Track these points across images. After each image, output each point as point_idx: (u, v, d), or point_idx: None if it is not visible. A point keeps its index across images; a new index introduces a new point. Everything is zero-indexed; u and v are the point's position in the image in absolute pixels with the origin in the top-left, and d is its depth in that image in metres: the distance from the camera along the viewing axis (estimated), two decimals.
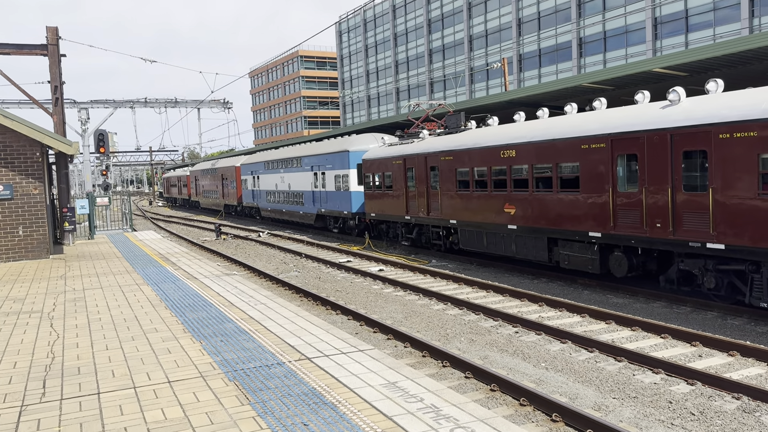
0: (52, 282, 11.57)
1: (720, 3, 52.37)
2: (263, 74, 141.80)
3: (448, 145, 19.39)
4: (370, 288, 16.32)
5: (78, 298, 9.76)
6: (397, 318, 12.81)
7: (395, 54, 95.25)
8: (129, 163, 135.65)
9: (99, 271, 12.83)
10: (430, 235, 21.22)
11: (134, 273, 12.26)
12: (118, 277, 11.87)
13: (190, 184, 67.24)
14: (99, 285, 10.94)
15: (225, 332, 7.18)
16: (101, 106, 48.95)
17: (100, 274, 12.26)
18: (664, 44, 57.11)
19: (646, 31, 58.20)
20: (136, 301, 9.31)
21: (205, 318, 8.03)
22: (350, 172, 26.76)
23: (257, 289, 9.82)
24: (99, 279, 11.64)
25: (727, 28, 51.70)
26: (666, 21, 56.85)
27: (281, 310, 8.41)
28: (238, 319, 7.79)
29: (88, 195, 21.60)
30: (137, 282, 11.15)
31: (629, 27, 60.42)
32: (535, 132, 15.70)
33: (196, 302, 9.14)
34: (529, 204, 15.92)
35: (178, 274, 12.06)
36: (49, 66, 17.99)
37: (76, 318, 8.24)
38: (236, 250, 26.34)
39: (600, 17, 61.87)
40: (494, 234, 17.49)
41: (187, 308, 8.72)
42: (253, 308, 8.51)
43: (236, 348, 6.53)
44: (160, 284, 10.84)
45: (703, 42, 52.27)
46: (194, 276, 11.70)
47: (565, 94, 19.85)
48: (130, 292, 10.05)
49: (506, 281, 16.38)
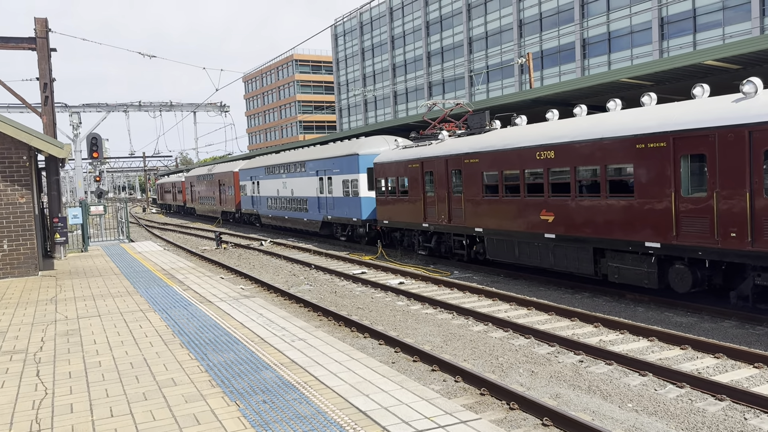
0: (41, 307, 9.92)
1: (729, 2, 51.22)
2: (257, 78, 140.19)
3: (473, 147, 17.86)
4: (395, 305, 14.74)
5: (71, 331, 8.12)
6: (436, 342, 11.23)
7: (392, 57, 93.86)
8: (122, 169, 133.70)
9: (95, 292, 11.19)
10: (452, 244, 19.66)
11: (136, 295, 10.63)
12: (119, 300, 10.23)
13: (185, 191, 65.48)
14: (96, 311, 9.30)
15: (266, 386, 5.51)
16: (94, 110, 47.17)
17: (97, 297, 10.62)
18: (671, 44, 55.94)
19: (653, 32, 57.01)
20: (143, 335, 7.69)
21: (233, 362, 6.38)
22: (360, 177, 25.20)
23: (288, 318, 8.19)
24: (96, 303, 10.00)
25: (736, 28, 50.54)
26: (673, 21, 55.68)
27: (327, 349, 6.76)
28: (277, 364, 6.15)
29: (81, 203, 19.97)
30: (141, 307, 9.51)
31: (635, 27, 59.23)
32: (577, 131, 14.18)
33: (218, 337, 7.50)
34: (572, 211, 14.40)
35: (187, 295, 10.44)
36: (37, 61, 16.38)
37: (70, 362, 6.60)
38: (239, 261, 24.70)
39: (604, 18, 60.68)
40: (528, 243, 15.95)
41: (209, 346, 7.08)
42: (290, 346, 6.88)
43: (289, 416, 4.82)
44: (170, 310, 9.20)
45: (712, 42, 51.11)
46: (207, 299, 10.07)
47: (599, 90, 18.38)
48: (135, 322, 8.42)
49: (544, 296, 14.84)
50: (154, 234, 40.72)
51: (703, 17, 53.30)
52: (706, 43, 52.44)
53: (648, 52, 57.34)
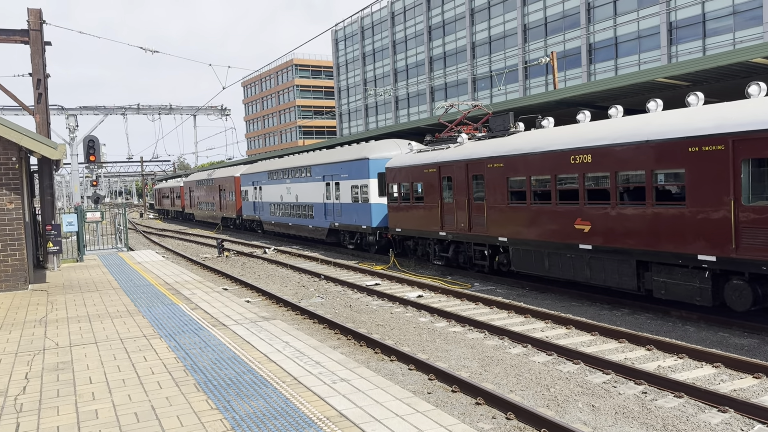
0: (28, 330, 8.67)
1: (740, 6, 50.32)
2: (256, 83, 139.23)
3: (497, 150, 16.70)
4: (417, 321, 13.53)
5: (63, 365, 6.87)
6: (473, 368, 10.02)
7: (394, 62, 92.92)
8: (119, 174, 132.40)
9: (91, 311, 9.95)
10: (472, 254, 18.46)
11: (138, 315, 9.39)
12: (118, 322, 8.97)
13: (183, 196, 64.24)
14: (92, 337, 8.05)
15: None
16: (91, 113, 45.88)
17: (93, 317, 9.37)
18: (680, 50, 55.06)
19: (661, 36, 56.10)
20: (148, 370, 6.43)
21: (266, 414, 5.04)
22: (370, 182, 24.02)
23: (319, 347, 6.91)
24: (92, 326, 8.75)
25: (747, 33, 49.61)
26: (682, 26, 54.77)
27: (378, 394, 5.48)
28: (321, 419, 4.87)
29: (77, 209, 18.74)
30: (145, 332, 8.26)
31: (642, 32, 58.32)
32: (618, 132, 13.03)
33: (241, 375, 6.20)
34: (611, 219, 13.22)
35: (196, 316, 9.19)
36: (30, 56, 15.17)
37: (59, 411, 5.32)
38: (244, 270, 23.45)
39: (611, 22, 59.77)
40: (559, 255, 14.76)
41: (231, 388, 5.79)
42: (332, 390, 5.58)
43: None
44: (178, 336, 7.94)
45: (722, 48, 50.16)
46: (220, 320, 8.81)
47: (630, 91, 17.26)
48: (138, 352, 7.16)
49: (579, 312, 13.65)
50: (152, 241, 39.45)
51: (713, 22, 52.40)
52: (715, 48, 51.53)
53: (656, 57, 56.42)
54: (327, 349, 6.80)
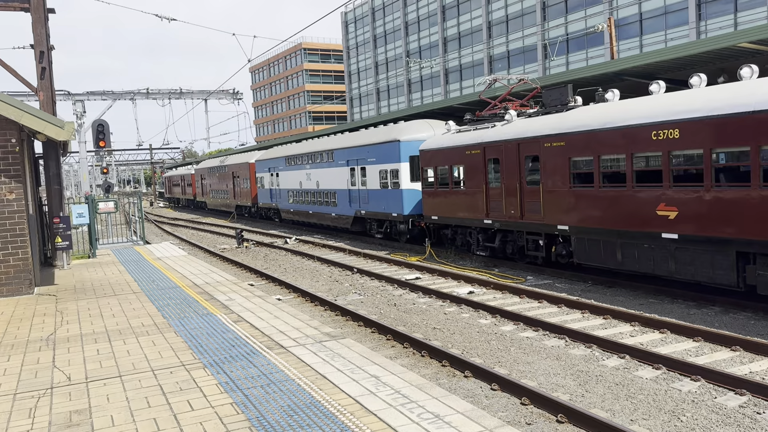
0: (32, 356, 6.94)
1: None
2: (264, 68, 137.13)
3: (556, 127, 14.85)
4: (478, 324, 11.79)
5: (78, 415, 4.98)
6: (569, 387, 8.29)
7: (406, 44, 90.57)
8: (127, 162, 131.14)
9: (110, 324, 8.22)
10: (524, 244, 16.68)
11: (169, 330, 7.64)
12: (145, 341, 7.20)
13: (195, 184, 62.67)
14: (115, 366, 6.22)
15: None
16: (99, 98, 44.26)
17: (113, 334, 7.62)
18: (709, 26, 52.63)
19: (689, 12, 53.66)
20: (198, 427, 4.62)
21: None
22: (401, 166, 22.21)
23: (424, 387, 5.04)
24: (112, 347, 6.99)
25: None
26: (711, 0, 52.29)
27: (470, 428, 3.80)
28: None
29: (88, 198, 17.11)
30: (182, 357, 6.43)
31: (669, 8, 55.90)
32: (715, 102, 11.15)
33: None
34: (705, 204, 11.39)
35: (243, 332, 7.39)
36: (32, 25, 13.42)
37: None
38: (267, 263, 21.79)
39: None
40: (636, 245, 12.95)
41: None
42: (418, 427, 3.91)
43: None
44: (227, 366, 6.07)
45: (757, 23, 47.76)
46: (274, 339, 6.99)
47: (705, 59, 15.33)
48: (179, 395, 5.29)
49: (664, 311, 11.87)
50: (165, 231, 37.89)
51: None
52: (747, 24, 49.09)
53: (684, 34, 54.00)
54: (438, 392, 4.94)
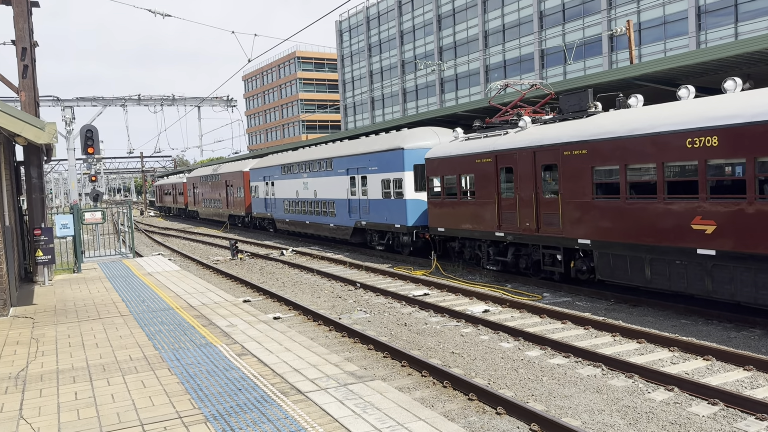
0: None
1: None
2: (257, 77, 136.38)
3: (576, 134, 13.91)
4: (501, 348, 10.76)
5: None
6: (619, 427, 7.26)
7: (401, 53, 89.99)
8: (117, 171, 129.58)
9: (92, 356, 7.10)
10: (540, 258, 15.69)
11: (162, 366, 6.52)
12: (133, 381, 6.02)
13: (186, 192, 61.44)
14: (95, 417, 4.95)
15: None
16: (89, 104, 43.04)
17: (96, 371, 6.49)
18: (709, 36, 52.24)
19: (689, 22, 53.27)
20: None
21: None
22: (405, 175, 21.22)
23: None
24: (93, 389, 5.80)
25: None
26: (711, 10, 51.93)
27: None
28: None
29: (73, 208, 16.00)
30: (178, 406, 5.20)
31: (668, 18, 55.53)
32: (759, 107, 10.24)
33: None
34: (747, 218, 10.45)
35: (250, 370, 6.22)
36: (13, 19, 12.34)
37: None
38: (263, 276, 20.67)
39: (634, 7, 56.90)
40: (667, 262, 11.99)
41: None
42: None
43: None
44: (234, 420, 4.75)
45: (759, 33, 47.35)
46: (289, 380, 5.79)
47: (732, 63, 14.47)
48: None
49: (700, 334, 10.90)
50: (156, 241, 36.67)
51: (746, 5, 49.57)
52: (749, 35, 48.70)
53: (684, 44, 53.58)
54: None
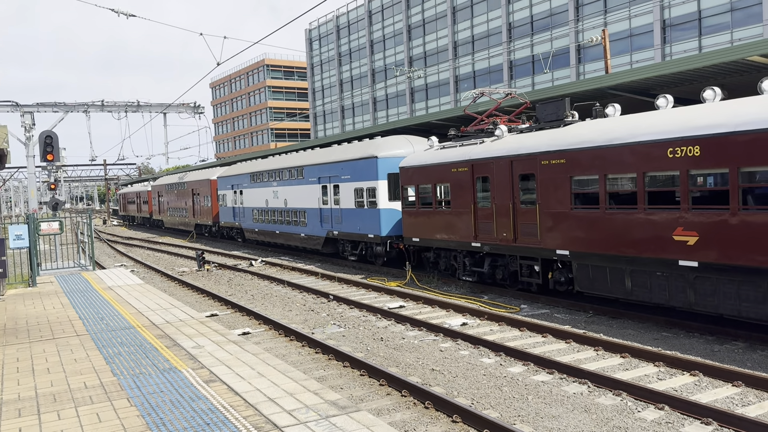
0: None
1: (738, 3, 48.71)
2: (225, 84, 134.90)
3: (554, 144, 13.68)
4: (482, 364, 10.36)
5: None
6: None
7: (371, 62, 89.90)
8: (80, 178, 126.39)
9: (42, 385, 6.37)
10: (517, 269, 15.39)
11: (121, 396, 5.85)
12: (87, 415, 5.26)
13: (151, 201, 59.99)
14: None
15: None
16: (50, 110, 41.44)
17: (45, 402, 5.76)
18: (674, 49, 53.29)
19: (654, 35, 54.29)
20: None
21: None
22: (378, 184, 20.80)
23: None
24: (41, 426, 5.16)
25: (746, 33, 47.90)
26: (676, 24, 53.03)
27: None
28: None
29: (29, 218, 15.12)
30: None
31: (634, 30, 56.52)
32: (744, 116, 10.10)
33: None
34: (731, 229, 10.28)
35: (220, 400, 5.59)
36: None
37: None
38: (232, 288, 19.96)
39: (602, 19, 57.78)
40: (648, 273, 11.78)
41: None
42: None
43: None
44: None
45: (720, 47, 48.44)
46: (264, 412, 5.15)
47: (708, 74, 14.45)
48: None
49: (682, 347, 10.68)
50: (118, 251, 35.47)
51: (710, 19, 50.74)
52: (712, 48, 49.82)
53: (649, 56, 54.58)
54: None
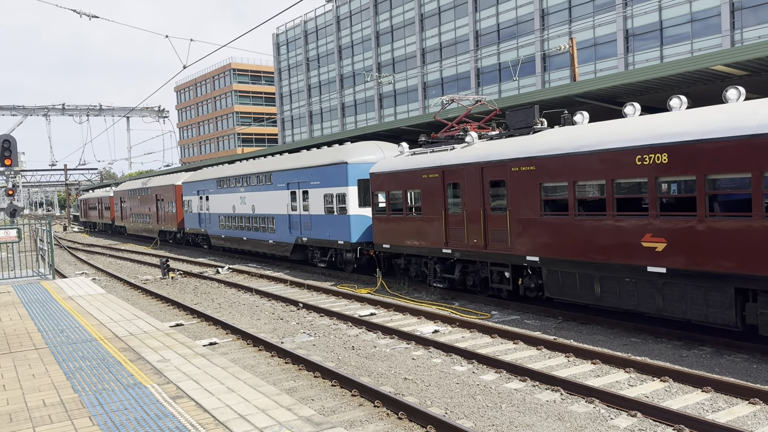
0: None
1: (698, 14, 50.07)
2: (191, 88, 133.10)
3: (524, 151, 13.72)
4: (454, 372, 10.26)
5: None
6: None
7: (340, 67, 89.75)
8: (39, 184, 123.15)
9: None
10: (488, 275, 15.39)
11: (81, 414, 5.54)
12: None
13: (113, 207, 58.64)
14: None
15: None
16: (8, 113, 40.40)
17: (1, 424, 5.56)
18: (636, 59, 54.47)
19: (618, 44, 55.41)
20: None
21: None
22: (349, 190, 20.62)
23: None
24: None
25: (706, 43, 49.21)
26: (638, 33, 54.22)
27: None
28: None
29: None
30: None
31: (598, 40, 57.59)
32: (711, 124, 10.25)
33: None
34: (698, 236, 10.42)
35: (185, 418, 5.36)
36: None
37: None
38: (197, 296, 19.52)
39: (566, 29, 58.76)
40: (617, 279, 11.87)
41: None
42: None
43: None
44: None
45: (681, 56, 49.71)
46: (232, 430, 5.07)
47: (673, 82, 14.70)
48: None
49: (651, 353, 10.77)
50: (79, 259, 34.49)
51: (671, 29, 52.02)
52: (673, 57, 51.09)
53: (613, 65, 55.66)
54: None
